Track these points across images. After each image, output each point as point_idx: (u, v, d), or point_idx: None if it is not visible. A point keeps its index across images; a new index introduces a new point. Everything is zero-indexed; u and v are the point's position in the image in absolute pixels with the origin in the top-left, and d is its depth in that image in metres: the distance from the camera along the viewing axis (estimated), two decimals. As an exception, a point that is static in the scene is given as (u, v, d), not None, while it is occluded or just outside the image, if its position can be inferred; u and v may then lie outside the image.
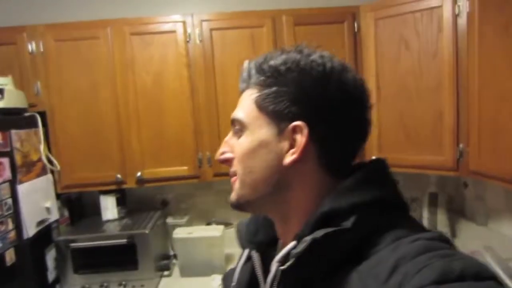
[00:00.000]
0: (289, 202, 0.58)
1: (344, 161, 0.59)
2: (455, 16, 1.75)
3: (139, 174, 2.06)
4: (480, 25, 1.62)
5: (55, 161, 2.01)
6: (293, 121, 0.55)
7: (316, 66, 0.56)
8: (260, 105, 0.58)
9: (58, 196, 2.10)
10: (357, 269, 0.48)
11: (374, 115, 2.00)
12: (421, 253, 0.44)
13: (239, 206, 0.61)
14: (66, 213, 2.20)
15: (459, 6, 1.73)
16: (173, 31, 2.01)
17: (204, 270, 2.11)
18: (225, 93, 2.06)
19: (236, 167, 0.60)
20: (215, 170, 2.10)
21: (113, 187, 2.09)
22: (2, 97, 1.74)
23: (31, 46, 1.98)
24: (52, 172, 2.01)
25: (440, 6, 1.79)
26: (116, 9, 2.23)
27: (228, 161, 0.62)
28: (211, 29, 2.02)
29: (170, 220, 2.31)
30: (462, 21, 1.73)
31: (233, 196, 0.61)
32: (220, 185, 2.43)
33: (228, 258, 2.26)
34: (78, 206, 2.34)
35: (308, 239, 0.50)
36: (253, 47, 2.04)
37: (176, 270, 2.20)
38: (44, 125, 2.00)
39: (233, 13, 2.07)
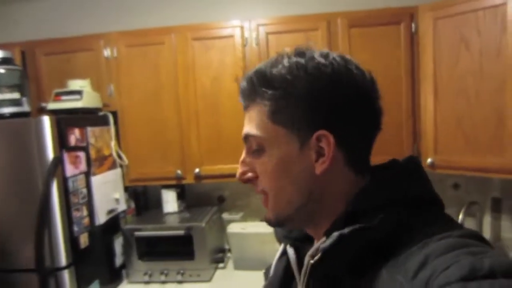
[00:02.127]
0: (325, 209, 0.58)
1: (366, 156, 0.59)
2: (521, 14, 1.67)
3: (197, 170, 2.19)
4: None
5: (124, 157, 2.21)
6: (314, 129, 0.54)
7: (324, 68, 0.55)
8: (275, 119, 0.56)
9: (126, 189, 2.31)
10: (386, 266, 0.48)
11: (430, 116, 1.98)
12: (450, 250, 0.43)
13: (277, 223, 0.61)
14: (132, 205, 2.41)
15: (525, 3, 1.65)
16: (232, 36, 2.12)
17: (256, 264, 2.19)
18: (279, 94, 2.12)
19: (263, 185, 0.59)
20: (268, 169, 2.18)
21: (173, 182, 2.25)
22: (81, 98, 1.96)
23: (107, 52, 2.20)
24: (121, 166, 2.22)
25: (504, 4, 1.72)
26: (180, 16, 2.39)
27: (251, 181, 0.61)
28: (267, 33, 2.11)
29: (225, 216, 2.43)
30: (529, 19, 1.65)
31: (270, 215, 0.60)
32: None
33: (279, 255, 2.33)
34: (143, 199, 2.54)
35: (335, 234, 0.50)
36: (307, 50, 2.09)
37: (230, 263, 2.30)
38: (115, 123, 2.21)
39: (288, 17, 2.14)
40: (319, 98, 0.54)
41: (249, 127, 0.59)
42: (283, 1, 2.38)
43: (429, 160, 2.01)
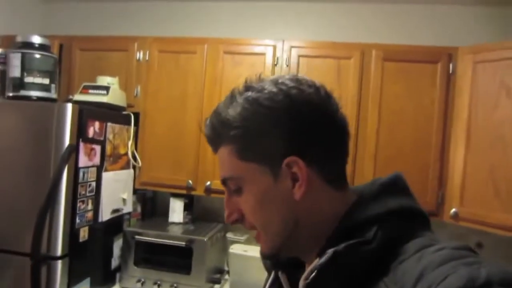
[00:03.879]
0: (312, 229, 0.57)
1: (342, 169, 0.60)
2: None
3: (208, 183, 2.14)
4: None
5: (138, 158, 2.20)
6: (282, 158, 0.55)
7: (275, 96, 0.55)
8: (244, 157, 0.57)
9: (135, 192, 2.28)
10: (384, 281, 0.48)
11: (459, 162, 1.87)
12: (446, 262, 0.43)
13: (273, 256, 0.61)
14: (138, 209, 2.37)
15: None
16: (263, 54, 2.12)
17: (253, 291, 2.08)
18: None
19: (252, 221, 0.60)
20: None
21: (183, 191, 2.20)
22: (107, 94, 1.99)
23: (139, 55, 2.24)
24: (134, 168, 2.20)
25: (550, 53, 1.62)
26: (215, 28, 2.43)
27: (238, 221, 0.61)
28: (299, 56, 2.09)
29: (230, 235, 2.34)
30: None
31: (263, 248, 0.61)
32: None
33: (280, 286, 2.20)
34: (151, 205, 2.50)
35: (330, 251, 0.50)
36: (338, 78, 2.05)
37: (227, 286, 2.20)
38: (136, 124, 2.22)
39: (323, 43, 2.12)
40: (277, 128, 0.55)
41: (223, 171, 0.60)
42: (319, 26, 2.37)
43: (453, 210, 1.87)
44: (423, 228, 0.54)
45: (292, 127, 0.55)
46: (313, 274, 0.50)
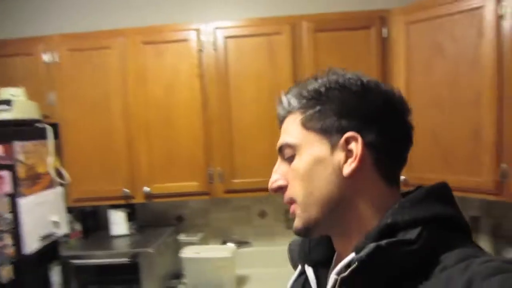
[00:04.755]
0: (352, 214, 0.57)
1: (397, 168, 0.59)
2: (498, 18, 1.51)
3: (147, 189, 1.96)
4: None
5: (65, 174, 1.96)
6: (343, 133, 0.56)
7: (354, 81, 0.58)
8: (307, 125, 0.59)
9: (70, 210, 2.06)
10: (424, 285, 0.47)
11: None
12: (495, 274, 0.42)
13: (307, 231, 0.60)
14: (78, 227, 2.15)
15: (503, 6, 1.49)
16: (186, 40, 1.92)
17: (213, 293, 1.97)
18: (239, 105, 1.93)
19: (292, 193, 0.60)
20: (227, 186, 1.97)
21: (121, 201, 2.01)
22: (11, 108, 1.72)
23: (47, 57, 1.96)
24: (62, 185, 1.97)
25: (481, 7, 1.56)
26: (129, 18, 2.18)
27: (281, 189, 0.61)
28: (226, 37, 1.91)
29: (182, 237, 2.20)
30: (507, 23, 1.49)
31: (298, 223, 0.60)
32: (238, 201, 2.29)
33: (240, 280, 2.10)
34: (93, 220, 2.29)
35: (372, 245, 0.48)
36: (270, 56, 1.90)
37: (186, 291, 2.07)
38: (56, 137, 1.97)
39: (249, 20, 1.95)
40: (348, 106, 0.57)
41: (284, 137, 0.61)
42: (242, 3, 2.18)
43: (402, 177, 1.82)
44: (466, 239, 0.53)
45: (361, 108, 0.57)
46: (352, 267, 0.48)
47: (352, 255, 0.51)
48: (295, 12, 1.94)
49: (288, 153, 0.60)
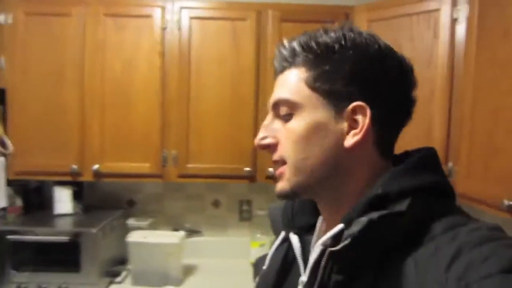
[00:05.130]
0: (345, 185, 0.55)
1: (393, 141, 0.58)
2: (453, 21, 1.58)
3: (96, 166, 1.88)
4: (479, 31, 1.44)
5: (8, 144, 1.85)
6: (352, 101, 0.53)
7: (372, 43, 0.55)
8: (313, 85, 0.54)
9: (11, 183, 1.94)
10: (412, 256, 0.46)
11: None
12: (484, 242, 0.43)
13: (293, 194, 0.57)
14: (18, 202, 2.03)
15: (458, 10, 1.56)
16: (150, 16, 1.87)
17: (158, 279, 1.90)
18: (199, 87, 1.90)
19: (284, 153, 0.56)
20: (181, 170, 1.92)
21: (68, 178, 1.92)
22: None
23: (2, 17, 1.86)
24: (4, 155, 1.86)
25: (438, 10, 1.62)
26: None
27: (270, 147, 0.58)
28: (191, 18, 1.88)
29: (131, 222, 2.11)
30: (461, 27, 1.55)
31: (284, 185, 0.56)
32: (192, 189, 2.24)
33: (187, 270, 2.05)
34: (36, 196, 2.16)
35: (364, 220, 0.47)
36: (234, 41, 1.89)
37: (129, 278, 1.98)
38: (2, 102, 1.86)
39: (216, 2, 1.93)
40: (362, 71, 0.53)
41: (282, 91, 0.57)
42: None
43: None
44: (453, 206, 0.53)
45: (374, 76, 0.54)
46: (345, 243, 0.47)
47: (340, 226, 0.50)
48: (262, 0, 1.94)
49: (284, 111, 0.56)
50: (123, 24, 1.87)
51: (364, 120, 0.53)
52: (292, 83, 0.56)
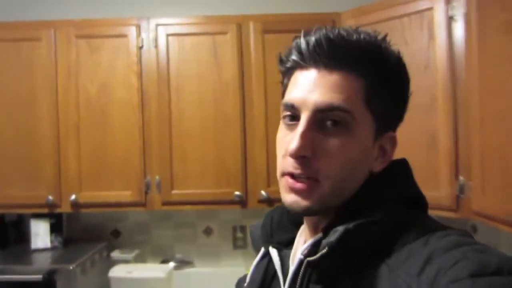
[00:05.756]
0: (347, 197, 0.54)
1: None
2: (449, 20, 1.43)
3: (73, 197, 1.76)
4: (480, 26, 1.29)
5: (-20, 177, 1.75)
6: (391, 127, 0.54)
7: (402, 63, 0.53)
8: (369, 103, 0.50)
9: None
10: (386, 262, 0.47)
11: None
12: (455, 247, 0.43)
13: (316, 212, 0.53)
14: (-4, 238, 1.92)
15: (454, 7, 1.41)
16: (125, 35, 1.78)
17: (143, 319, 1.74)
18: (180, 107, 1.78)
19: (323, 170, 0.50)
20: (165, 197, 1.78)
21: (45, 210, 1.79)
22: None
23: (-29, 46, 1.79)
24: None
25: (430, 9, 1.47)
26: (63, 10, 2.01)
27: (304, 160, 0.50)
28: (168, 35, 1.78)
29: (115, 254, 1.97)
30: (458, 24, 1.41)
31: (311, 204, 0.51)
32: (182, 217, 2.09)
33: (176, 306, 1.88)
34: (15, 230, 2.04)
35: (340, 229, 0.47)
36: (215, 57, 1.77)
37: (113, 317, 1.82)
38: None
39: (193, 17, 1.83)
40: (403, 96, 0.53)
41: (339, 98, 0.49)
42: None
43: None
44: (425, 216, 0.54)
45: (407, 101, 0.54)
46: (322, 252, 0.47)
47: (319, 235, 0.51)
48: (242, 11, 1.83)
49: (334, 122, 0.49)
50: (98, 45, 1.78)
51: (392, 150, 0.53)
52: (351, 93, 0.49)
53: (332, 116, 0.49)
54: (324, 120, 0.50)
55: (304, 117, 0.50)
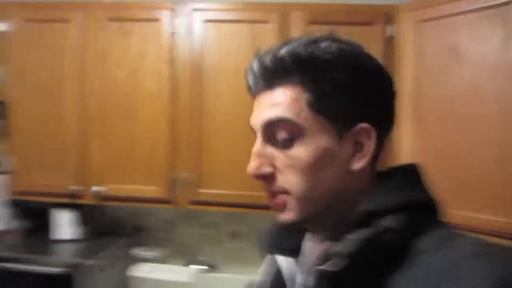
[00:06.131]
0: (346, 207, 0.52)
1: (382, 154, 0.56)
2: (532, 16, 1.21)
3: (96, 188, 1.67)
4: None
5: (3, 161, 1.69)
6: (355, 122, 0.50)
7: (370, 60, 0.52)
8: (317, 108, 0.50)
9: (16, 204, 1.79)
10: (402, 272, 0.45)
11: (405, 144, 1.51)
12: (473, 258, 0.42)
13: (301, 222, 0.53)
14: (20, 225, 1.87)
15: (539, 1, 1.20)
16: (157, 20, 1.65)
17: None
18: (213, 100, 1.65)
19: (287, 183, 0.51)
20: (192, 196, 1.67)
21: (66, 200, 1.72)
22: None
23: (2, 25, 1.71)
24: (4, 173, 1.70)
25: (509, 2, 1.26)
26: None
27: (267, 178, 0.52)
28: (205, 21, 1.64)
29: (136, 252, 1.88)
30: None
31: (290, 216, 0.52)
32: (208, 217, 1.98)
33: (198, 311, 1.78)
34: (41, 219, 1.98)
35: (355, 238, 0.46)
36: (254, 47, 1.61)
37: (132, 315, 1.75)
38: (4, 116, 1.71)
39: (233, 3, 1.68)
40: (365, 90, 0.51)
41: (280, 111, 0.50)
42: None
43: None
44: (438, 222, 0.52)
45: (376, 95, 0.52)
46: (345, 262, 0.46)
47: (331, 244, 0.51)
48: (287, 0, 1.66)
49: (283, 135, 0.50)
50: (128, 29, 1.66)
51: (369, 143, 0.51)
52: (291, 103, 0.50)
53: (279, 129, 0.51)
54: (274, 135, 0.51)
55: (257, 137, 0.53)
